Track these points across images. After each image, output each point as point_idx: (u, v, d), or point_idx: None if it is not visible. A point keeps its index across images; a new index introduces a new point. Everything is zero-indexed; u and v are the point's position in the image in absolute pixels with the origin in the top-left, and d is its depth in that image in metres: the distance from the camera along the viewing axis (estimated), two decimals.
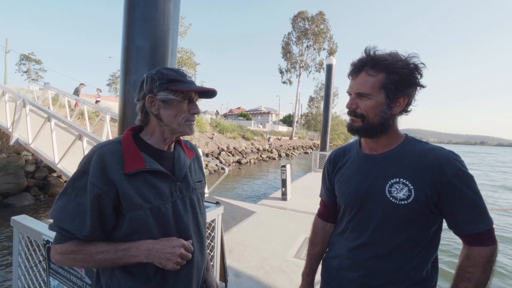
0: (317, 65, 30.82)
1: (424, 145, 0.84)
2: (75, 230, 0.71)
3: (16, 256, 1.50)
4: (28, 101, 6.11)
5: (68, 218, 0.71)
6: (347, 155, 0.98)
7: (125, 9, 1.84)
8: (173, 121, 0.82)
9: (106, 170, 0.73)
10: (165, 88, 0.80)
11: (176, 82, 0.81)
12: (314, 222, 1.10)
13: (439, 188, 0.76)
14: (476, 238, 0.77)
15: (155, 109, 0.82)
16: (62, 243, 0.73)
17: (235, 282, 2.52)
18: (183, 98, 0.82)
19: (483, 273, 0.75)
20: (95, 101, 12.49)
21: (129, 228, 0.75)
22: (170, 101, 0.81)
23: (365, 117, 0.83)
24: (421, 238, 0.81)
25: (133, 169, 0.75)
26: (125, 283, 0.77)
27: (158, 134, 0.84)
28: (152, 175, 0.79)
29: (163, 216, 0.79)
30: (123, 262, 0.74)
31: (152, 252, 0.74)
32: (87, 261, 0.73)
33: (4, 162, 7.42)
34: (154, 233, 0.77)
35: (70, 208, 0.72)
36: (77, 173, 0.75)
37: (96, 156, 0.74)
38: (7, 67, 17.57)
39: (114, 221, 0.76)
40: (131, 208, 0.74)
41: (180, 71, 0.85)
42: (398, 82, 0.78)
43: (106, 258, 0.72)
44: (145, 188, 0.76)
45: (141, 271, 0.77)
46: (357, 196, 0.88)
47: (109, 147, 0.77)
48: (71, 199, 0.73)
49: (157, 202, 0.78)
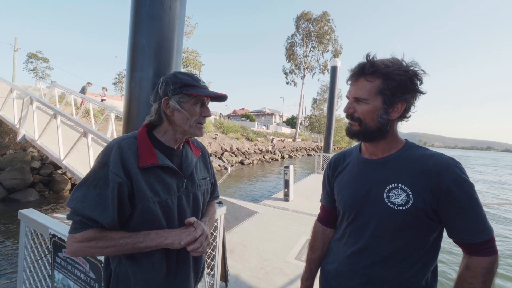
0: (321, 66, 30.64)
1: (424, 151, 0.83)
2: (99, 217, 0.74)
3: (22, 249, 1.53)
4: (35, 98, 6.20)
5: (91, 207, 0.74)
6: (347, 159, 0.98)
7: (132, 8, 1.86)
8: (185, 123, 0.87)
9: (124, 162, 0.78)
10: (180, 92, 0.85)
11: (190, 86, 0.86)
12: (314, 226, 1.10)
13: (438, 194, 0.75)
14: (477, 248, 0.75)
15: (170, 111, 0.87)
16: (83, 231, 0.75)
17: (235, 282, 2.52)
18: (196, 102, 0.87)
19: (483, 284, 0.73)
20: (101, 99, 12.63)
21: (140, 219, 0.81)
22: (184, 104, 0.86)
23: (362, 121, 0.83)
24: (420, 245, 0.80)
25: (147, 164, 0.80)
26: (132, 271, 0.82)
27: (171, 134, 0.90)
28: (162, 171, 0.84)
29: (169, 209, 0.85)
30: (143, 246, 0.78)
31: (171, 233, 0.81)
32: (109, 246, 0.76)
33: (10, 158, 7.53)
34: (162, 224, 0.83)
35: (91, 197, 0.75)
36: (97, 164, 0.79)
37: (115, 149, 0.79)
38: (15, 65, 17.85)
39: (129, 210, 0.80)
40: (143, 200, 0.79)
41: (195, 76, 0.90)
42: (395, 88, 0.79)
43: (127, 242, 0.77)
44: (156, 182, 0.82)
45: (148, 260, 0.82)
46: (355, 201, 0.87)
47: (126, 141, 0.82)
48: (90, 189, 0.76)
49: (165, 196, 0.84)
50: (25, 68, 20.96)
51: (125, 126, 1.98)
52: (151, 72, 1.84)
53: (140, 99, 1.87)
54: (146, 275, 0.82)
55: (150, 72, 1.84)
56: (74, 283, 1.29)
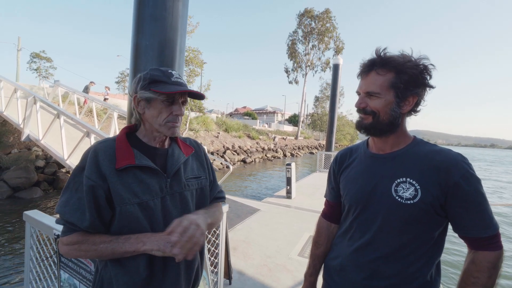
0: (323, 64, 30.50)
1: (432, 147, 0.84)
2: (77, 221, 0.75)
3: (28, 249, 1.55)
4: (38, 98, 6.24)
5: (71, 211, 0.76)
6: (354, 155, 0.98)
7: (134, 8, 1.86)
8: (155, 121, 0.84)
9: (99, 165, 0.77)
10: (147, 88, 0.81)
11: (158, 83, 0.81)
12: (318, 222, 1.10)
13: (446, 190, 0.76)
14: (483, 243, 0.76)
15: (141, 108, 0.85)
16: (68, 235, 0.77)
17: (239, 279, 2.54)
18: (164, 99, 0.82)
19: (489, 278, 0.74)
20: (104, 99, 12.66)
21: (121, 222, 0.78)
22: (152, 102, 0.82)
23: (376, 114, 0.83)
24: (426, 240, 0.81)
25: (123, 165, 0.78)
26: (116, 274, 0.80)
27: (149, 132, 0.87)
28: (141, 171, 0.81)
29: (152, 211, 0.81)
30: (123, 251, 0.75)
31: (151, 239, 0.75)
32: (91, 250, 0.76)
33: (15, 157, 7.61)
34: (144, 227, 0.79)
35: (72, 202, 0.77)
36: (76, 169, 0.80)
37: (91, 153, 0.79)
38: (19, 65, 17.94)
39: (109, 213, 0.79)
40: (121, 202, 0.77)
41: (168, 71, 0.84)
42: (407, 81, 0.79)
43: (107, 246, 0.76)
44: (134, 183, 0.79)
45: (132, 264, 0.79)
46: (362, 195, 0.88)
47: (103, 145, 0.81)
48: (72, 193, 0.78)
49: (145, 197, 0.80)
50: (29, 67, 21.07)
51: None
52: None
53: None
54: (129, 279, 0.79)
55: None
56: (80, 282, 1.31)
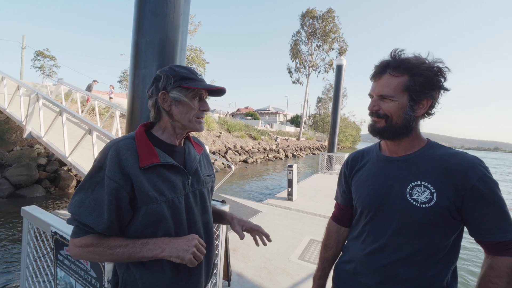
0: (326, 65, 30.42)
1: (447, 150, 0.82)
2: (93, 223, 0.72)
3: (25, 245, 1.53)
4: (41, 95, 6.26)
5: (86, 212, 0.73)
6: (366, 157, 0.97)
7: (135, 4, 1.85)
8: (184, 117, 0.85)
9: (121, 164, 0.75)
10: (177, 85, 0.82)
11: (188, 80, 0.83)
12: (328, 225, 1.09)
13: (463, 193, 0.74)
14: (502, 248, 0.74)
15: (167, 105, 0.84)
16: (81, 236, 0.74)
17: (238, 281, 2.51)
18: (194, 96, 0.85)
19: (508, 283, 0.72)
20: (109, 97, 12.71)
21: (143, 222, 0.77)
22: (181, 98, 0.83)
23: (389, 118, 0.82)
24: (441, 245, 0.78)
25: (148, 163, 0.77)
26: (140, 276, 0.78)
27: (170, 130, 0.87)
28: (165, 169, 0.81)
29: (177, 209, 0.81)
30: (140, 256, 0.75)
31: (169, 246, 0.75)
32: (106, 254, 0.74)
33: (17, 155, 7.65)
34: (169, 225, 0.79)
35: (88, 202, 0.73)
36: (93, 168, 0.77)
37: (112, 151, 0.76)
38: (23, 63, 18.10)
39: (130, 215, 0.77)
40: (147, 201, 0.76)
41: (192, 69, 0.87)
42: (422, 84, 0.77)
43: (124, 251, 0.74)
44: (159, 182, 0.78)
45: (156, 264, 0.79)
46: (375, 198, 0.86)
47: (124, 143, 0.79)
48: (88, 193, 0.74)
49: (171, 195, 0.80)
50: (33, 65, 21.24)
51: (128, 123, 1.97)
52: (154, 69, 1.82)
53: (144, 97, 1.86)
54: (155, 279, 0.78)
55: (153, 70, 1.82)
56: (75, 281, 1.29)
